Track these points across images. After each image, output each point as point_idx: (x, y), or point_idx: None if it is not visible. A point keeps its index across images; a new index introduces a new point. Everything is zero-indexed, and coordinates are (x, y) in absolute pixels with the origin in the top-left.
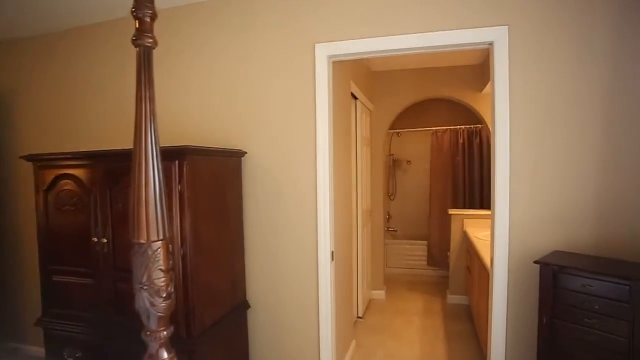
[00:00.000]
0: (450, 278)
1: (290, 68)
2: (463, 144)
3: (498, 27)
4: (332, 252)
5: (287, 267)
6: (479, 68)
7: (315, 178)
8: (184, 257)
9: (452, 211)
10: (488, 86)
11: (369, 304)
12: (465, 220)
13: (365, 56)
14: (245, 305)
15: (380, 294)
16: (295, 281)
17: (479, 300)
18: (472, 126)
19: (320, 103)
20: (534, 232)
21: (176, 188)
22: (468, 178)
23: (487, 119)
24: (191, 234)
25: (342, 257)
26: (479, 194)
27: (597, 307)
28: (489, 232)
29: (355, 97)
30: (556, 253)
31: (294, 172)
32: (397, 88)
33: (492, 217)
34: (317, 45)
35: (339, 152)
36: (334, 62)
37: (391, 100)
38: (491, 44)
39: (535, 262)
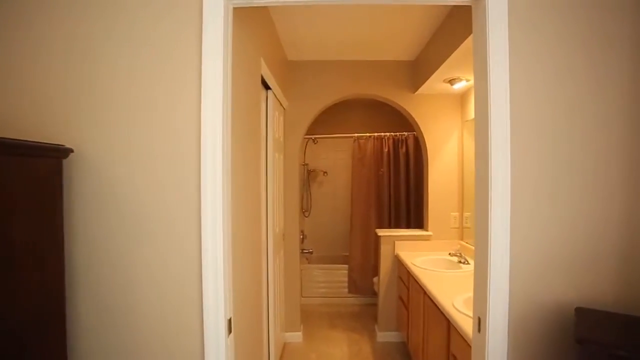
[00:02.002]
0: (379, 311)
1: (160, 14)
2: (388, 153)
3: None
4: (230, 321)
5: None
6: (412, 66)
7: (199, 199)
8: None
9: (381, 232)
10: (424, 86)
11: (283, 350)
12: (397, 242)
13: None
14: None
15: (296, 336)
16: None
17: (418, 338)
18: (398, 133)
19: (210, 74)
20: (543, 279)
21: None
22: (394, 193)
23: (422, 123)
24: None
25: (246, 324)
26: (405, 211)
27: None
28: (427, 258)
29: (267, 87)
30: (584, 313)
31: (162, 189)
32: (317, 83)
33: (479, 258)
34: None
35: (241, 157)
36: (236, 11)
37: (310, 97)
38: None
39: (579, 340)
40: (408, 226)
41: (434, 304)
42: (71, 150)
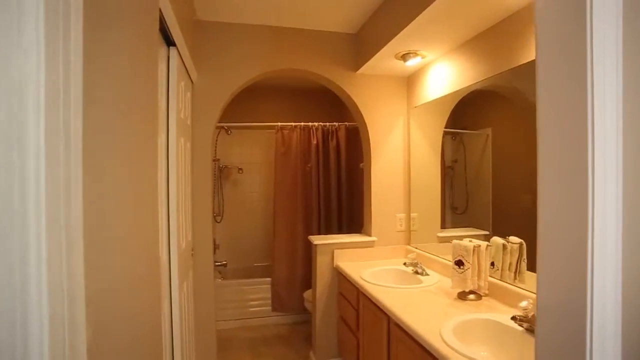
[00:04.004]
0: (316, 335)
1: None
2: (317, 146)
3: None
4: None
5: None
6: (354, 40)
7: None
8: None
9: (316, 239)
10: (369, 64)
11: None
12: (336, 251)
13: None
14: None
15: None
16: None
17: None
18: (327, 124)
19: None
20: None
21: None
22: (324, 192)
23: (364, 109)
24: None
25: None
26: (337, 213)
27: None
28: (376, 270)
29: (169, 42)
30: None
31: None
32: (237, 52)
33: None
34: None
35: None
36: None
37: (226, 70)
38: None
39: None
40: (340, 231)
41: (408, 336)
42: None
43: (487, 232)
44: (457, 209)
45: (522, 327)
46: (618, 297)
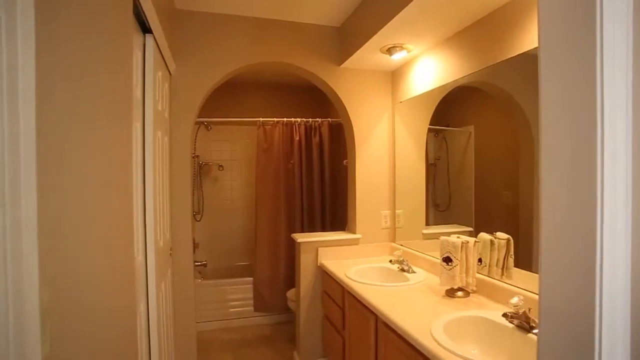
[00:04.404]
0: (299, 335)
1: None
2: (300, 142)
3: None
4: None
5: None
6: (338, 33)
7: None
8: None
9: (300, 237)
10: (353, 57)
11: None
12: (320, 249)
13: None
14: None
15: None
16: None
17: None
18: (310, 120)
19: None
20: None
21: None
22: (307, 189)
23: (348, 104)
24: None
25: None
26: (320, 211)
27: None
28: (362, 267)
29: (146, 28)
30: None
31: None
32: (217, 43)
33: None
34: None
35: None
36: None
37: (206, 62)
38: None
39: None
40: (324, 229)
41: (397, 335)
42: None
43: (471, 229)
44: (439, 206)
45: (513, 324)
46: (627, 299)
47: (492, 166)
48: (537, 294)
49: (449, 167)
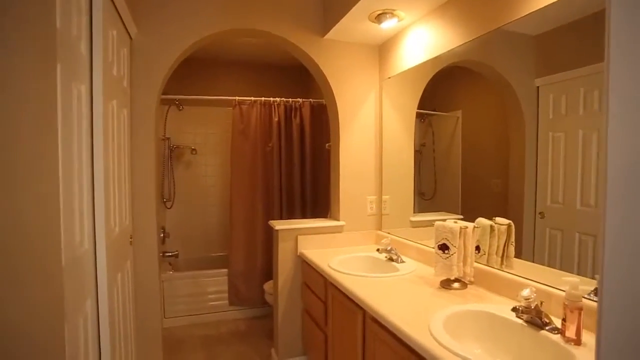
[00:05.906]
0: (278, 331)
1: None
2: (279, 123)
3: None
4: None
5: None
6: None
7: None
8: None
9: (277, 224)
10: (338, 27)
11: None
12: (300, 237)
13: None
14: None
15: None
16: None
17: None
18: (290, 100)
19: None
20: None
21: None
22: (286, 174)
23: (332, 79)
24: None
25: None
26: (300, 197)
27: None
28: (346, 257)
29: None
30: None
31: None
32: (184, 6)
33: None
34: None
35: None
36: None
37: (174, 25)
38: None
39: None
40: (304, 216)
41: (388, 333)
42: None
43: (461, 217)
44: (424, 194)
45: (522, 319)
46: None
47: (480, 153)
48: (546, 285)
49: (435, 154)
